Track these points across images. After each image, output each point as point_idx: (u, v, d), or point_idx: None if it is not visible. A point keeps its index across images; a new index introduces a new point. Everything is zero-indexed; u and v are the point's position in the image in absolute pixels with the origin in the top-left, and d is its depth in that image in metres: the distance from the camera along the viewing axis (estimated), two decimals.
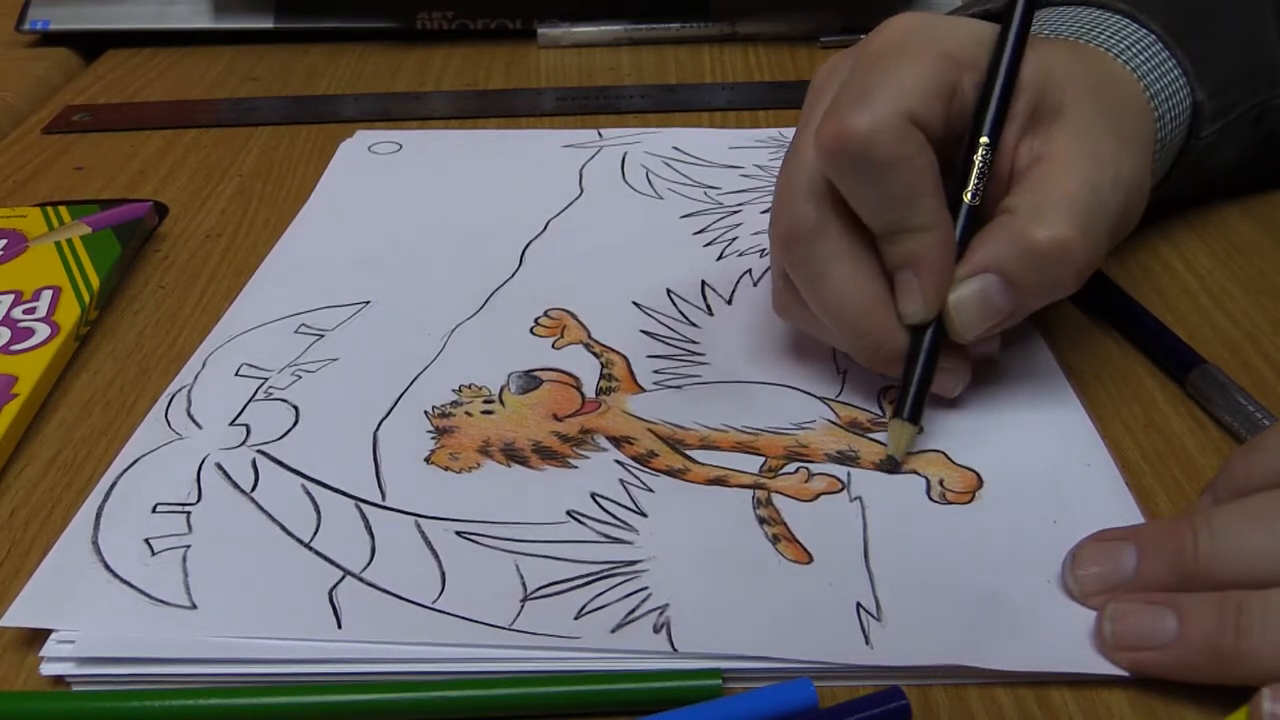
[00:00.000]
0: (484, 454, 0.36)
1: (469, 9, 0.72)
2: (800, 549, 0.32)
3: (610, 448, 0.36)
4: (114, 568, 0.31)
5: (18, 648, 0.30)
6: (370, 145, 0.57)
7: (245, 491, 0.34)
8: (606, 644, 0.29)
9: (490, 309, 0.43)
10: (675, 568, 0.31)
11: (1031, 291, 0.34)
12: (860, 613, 0.30)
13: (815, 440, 0.36)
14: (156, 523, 0.33)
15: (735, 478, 0.35)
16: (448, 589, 0.31)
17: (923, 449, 0.36)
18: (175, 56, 0.72)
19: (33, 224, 0.48)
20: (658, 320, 0.42)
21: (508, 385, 0.39)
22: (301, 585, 0.31)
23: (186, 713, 0.28)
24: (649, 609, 0.30)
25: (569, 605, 0.30)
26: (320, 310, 0.43)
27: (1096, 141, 0.35)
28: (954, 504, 0.33)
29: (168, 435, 0.37)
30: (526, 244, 0.48)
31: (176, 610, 0.30)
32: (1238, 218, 0.48)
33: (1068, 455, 0.35)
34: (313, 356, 0.40)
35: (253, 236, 0.50)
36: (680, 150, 0.55)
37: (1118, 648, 0.28)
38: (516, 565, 0.31)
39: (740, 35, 0.71)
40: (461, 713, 0.28)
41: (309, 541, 0.32)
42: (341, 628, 0.29)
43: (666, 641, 0.29)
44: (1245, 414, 0.35)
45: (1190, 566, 0.28)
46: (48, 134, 0.60)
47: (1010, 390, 0.38)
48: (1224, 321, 0.41)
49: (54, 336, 0.41)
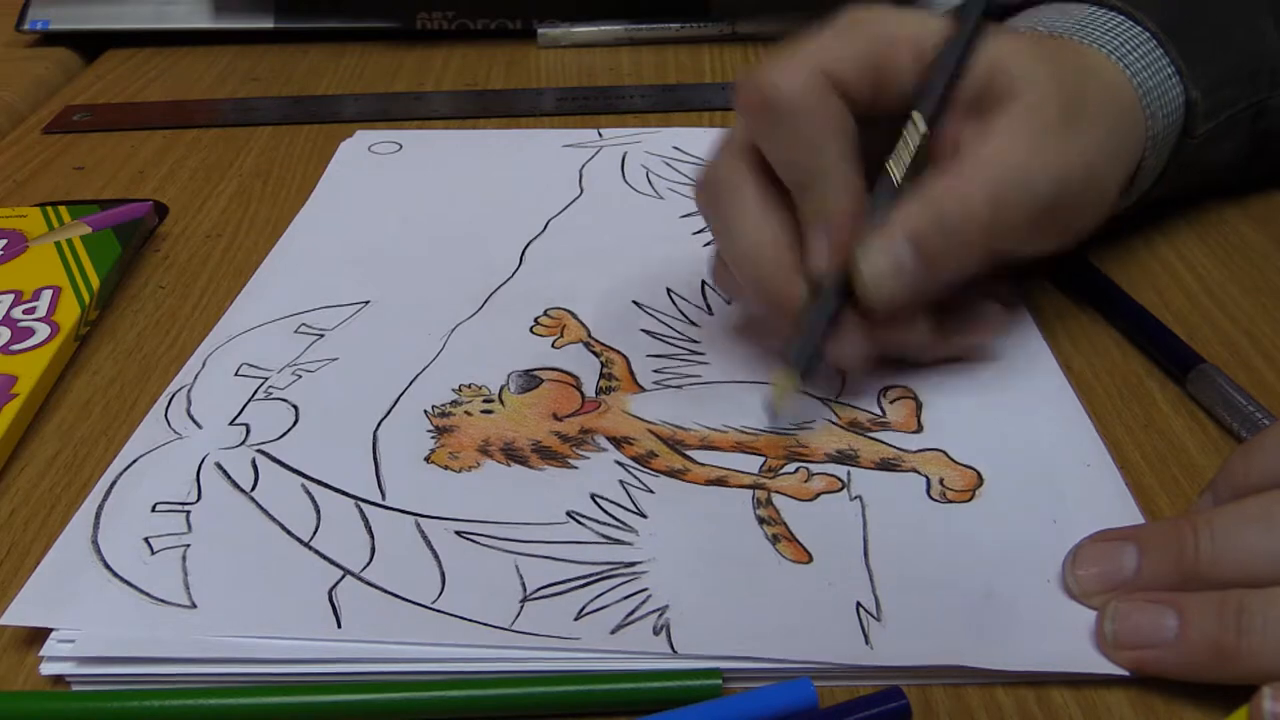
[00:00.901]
0: (484, 453, 0.36)
1: (469, 9, 0.72)
2: (800, 549, 0.32)
3: (610, 448, 0.36)
4: (114, 567, 0.32)
5: (18, 648, 0.30)
6: (370, 145, 0.57)
7: (245, 491, 0.34)
8: (606, 645, 0.29)
9: (490, 308, 0.43)
10: (675, 569, 0.31)
11: (937, 258, 0.35)
12: (860, 612, 0.30)
13: (815, 440, 0.36)
14: (156, 522, 0.33)
15: (735, 478, 0.35)
16: (447, 589, 0.31)
17: (923, 448, 0.36)
18: (175, 56, 0.72)
19: (33, 224, 0.48)
20: (658, 319, 0.42)
21: (507, 385, 0.39)
22: (301, 585, 0.31)
23: (186, 713, 0.28)
24: (648, 610, 0.30)
25: (569, 606, 0.30)
26: (320, 310, 0.43)
27: (1039, 130, 0.35)
28: (954, 503, 0.33)
29: (167, 435, 0.37)
30: (527, 244, 0.48)
31: (176, 609, 0.30)
32: (1238, 218, 0.48)
33: (1068, 455, 0.35)
34: (312, 356, 0.40)
35: (253, 236, 0.50)
36: (680, 150, 0.55)
37: (1119, 646, 0.28)
38: (516, 566, 0.31)
39: (740, 35, 0.71)
40: (461, 713, 0.28)
41: (309, 541, 0.32)
42: (341, 627, 0.29)
43: (666, 643, 0.29)
44: (1245, 414, 0.35)
45: (1191, 566, 0.28)
46: (48, 134, 0.60)
47: (1010, 390, 0.38)
48: (1224, 321, 0.41)
49: (54, 336, 0.41)
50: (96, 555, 0.32)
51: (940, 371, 0.39)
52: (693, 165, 0.54)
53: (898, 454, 0.35)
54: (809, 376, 0.36)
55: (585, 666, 0.29)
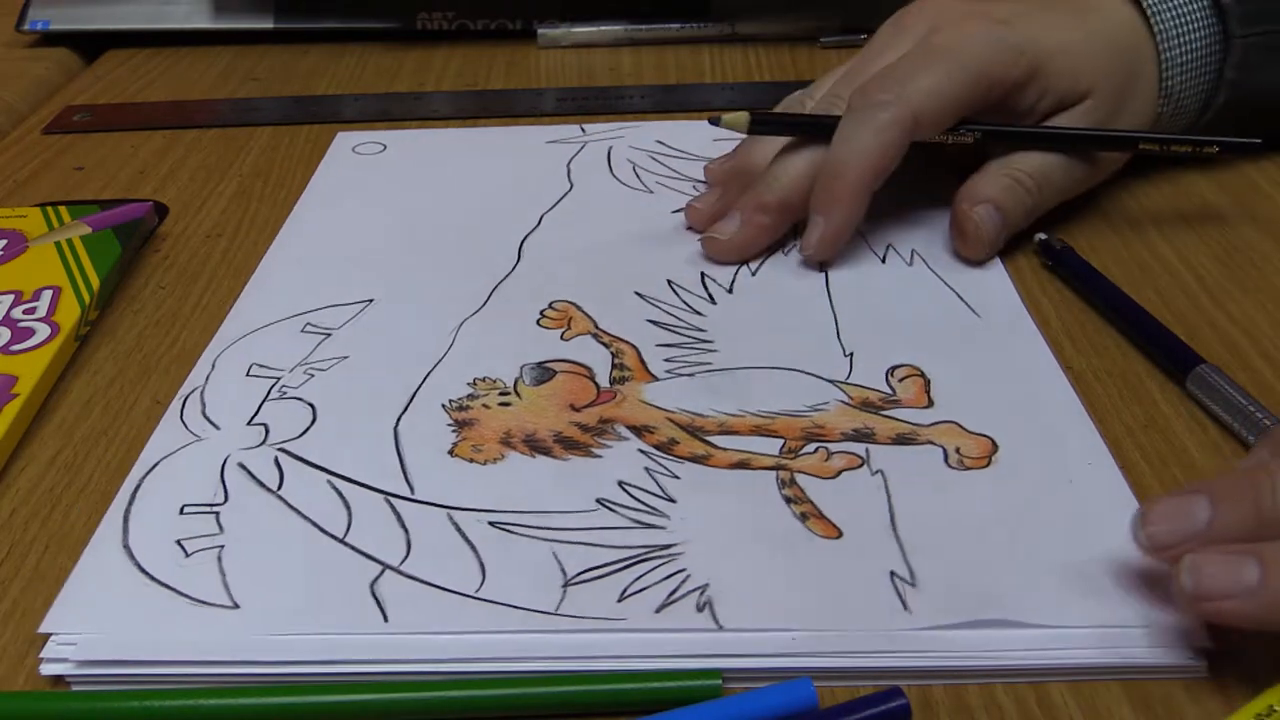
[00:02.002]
0: (506, 445, 0.36)
1: (469, 9, 0.72)
2: (829, 525, 0.32)
3: (631, 437, 0.36)
4: (149, 570, 0.31)
5: (18, 648, 0.30)
6: (354, 146, 0.57)
7: (272, 490, 0.34)
8: (652, 624, 0.29)
9: (494, 303, 0.44)
10: (710, 549, 0.32)
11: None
12: (895, 580, 0.30)
13: (830, 420, 0.37)
14: (186, 524, 0.33)
15: (758, 460, 0.35)
16: (489, 578, 0.31)
17: (936, 421, 0.36)
18: (175, 56, 0.72)
19: (33, 224, 0.48)
20: (662, 309, 0.43)
21: (521, 377, 0.39)
22: (341, 580, 0.31)
23: (186, 712, 0.28)
24: (689, 589, 0.30)
25: (611, 589, 0.30)
26: (324, 310, 0.43)
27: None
28: (972, 469, 0.34)
29: (186, 437, 0.37)
30: (523, 238, 0.48)
31: (219, 610, 0.30)
32: (1238, 217, 0.48)
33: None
34: (322, 355, 0.41)
35: (253, 236, 0.50)
36: (664, 144, 0.56)
37: (1198, 599, 0.28)
38: (554, 553, 0.32)
39: (740, 35, 0.71)
40: (462, 713, 0.28)
41: (343, 537, 0.33)
42: (388, 620, 0.30)
43: (711, 619, 0.29)
44: (1245, 414, 0.35)
45: (1269, 514, 0.28)
46: (48, 134, 0.60)
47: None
48: (1224, 321, 0.41)
49: (54, 336, 0.41)
50: (130, 559, 0.32)
51: (944, 350, 0.40)
52: (678, 159, 0.54)
53: (913, 428, 0.36)
54: (759, 128, 0.45)
55: (633, 648, 0.29)
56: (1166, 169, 0.51)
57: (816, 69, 0.66)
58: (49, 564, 0.33)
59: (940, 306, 0.42)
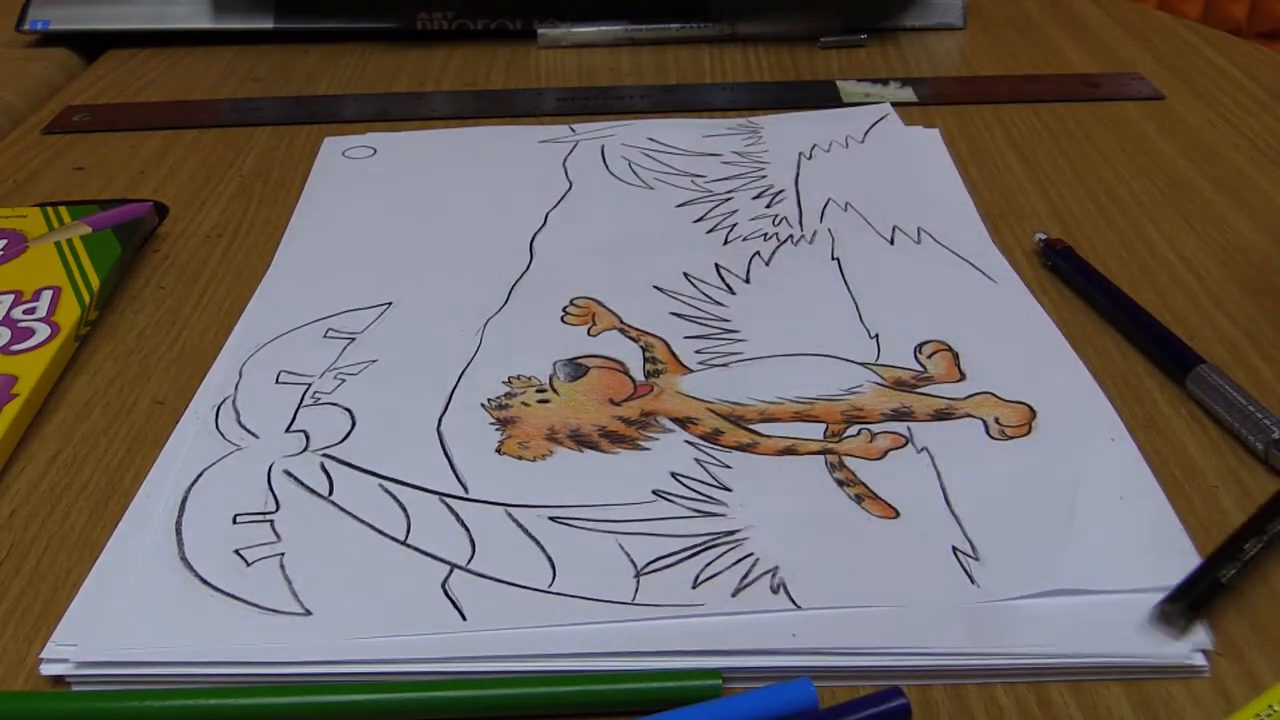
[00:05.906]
0: (553, 441, 0.36)
1: (469, 9, 0.72)
2: (885, 505, 0.33)
3: (676, 429, 0.36)
4: (211, 581, 0.31)
5: (18, 647, 0.30)
6: (344, 150, 0.57)
7: (324, 496, 0.34)
8: (730, 607, 0.30)
9: (515, 301, 0.44)
10: (773, 534, 0.32)
11: None
12: (958, 555, 0.31)
13: (868, 402, 0.37)
14: (242, 534, 0.33)
15: (804, 445, 0.35)
16: (560, 573, 0.31)
17: (971, 393, 0.37)
18: (175, 57, 0.72)
19: (33, 224, 0.48)
20: (683, 302, 0.43)
21: (555, 373, 0.39)
22: (410, 582, 0.31)
23: (186, 713, 0.28)
24: (761, 572, 0.31)
25: (683, 576, 0.31)
26: (344, 314, 0.43)
27: None
28: (1014, 438, 0.35)
29: (225, 447, 0.36)
30: (532, 236, 0.48)
31: (292, 618, 0.30)
32: (1238, 218, 0.48)
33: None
34: (350, 359, 0.40)
35: (253, 237, 0.50)
36: (656, 141, 0.56)
37: None
38: (620, 544, 0.32)
39: (740, 36, 0.71)
40: (463, 713, 0.28)
41: (404, 539, 0.32)
42: (466, 619, 0.30)
43: (787, 599, 0.30)
44: (1245, 414, 0.35)
45: None
46: (48, 134, 0.61)
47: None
48: (1224, 321, 0.41)
49: (54, 336, 0.41)
50: (190, 571, 0.31)
51: (967, 320, 0.41)
52: (673, 155, 0.55)
53: (949, 403, 0.37)
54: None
55: (712, 633, 0.29)
56: (1168, 169, 0.51)
57: (817, 69, 0.66)
58: (49, 564, 0.33)
59: (956, 278, 0.43)
